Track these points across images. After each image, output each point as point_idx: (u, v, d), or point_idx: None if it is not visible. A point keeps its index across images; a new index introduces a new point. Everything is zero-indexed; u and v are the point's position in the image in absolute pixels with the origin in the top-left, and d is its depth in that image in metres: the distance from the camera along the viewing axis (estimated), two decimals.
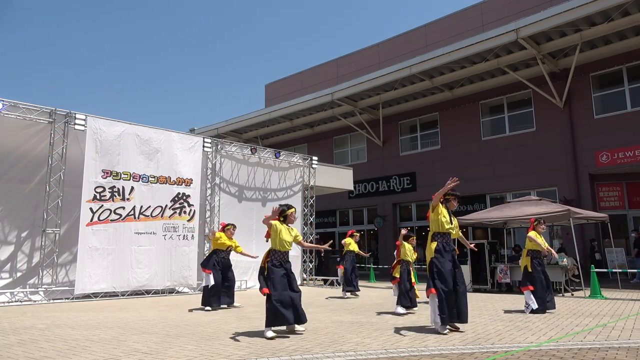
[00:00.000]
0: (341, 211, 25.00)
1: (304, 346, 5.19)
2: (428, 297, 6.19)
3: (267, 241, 6.27)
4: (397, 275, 8.49)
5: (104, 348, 5.14)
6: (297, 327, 6.19)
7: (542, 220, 8.82)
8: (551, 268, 11.81)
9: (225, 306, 9.16)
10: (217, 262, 9.19)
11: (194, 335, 5.92)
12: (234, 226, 9.69)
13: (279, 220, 6.23)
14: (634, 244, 15.20)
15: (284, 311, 5.82)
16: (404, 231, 8.78)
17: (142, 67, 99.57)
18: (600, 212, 15.28)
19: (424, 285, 9.01)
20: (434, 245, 6.23)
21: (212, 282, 8.94)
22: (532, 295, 8.08)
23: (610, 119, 16.55)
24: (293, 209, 6.40)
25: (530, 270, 8.33)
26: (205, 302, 8.92)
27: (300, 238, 6.49)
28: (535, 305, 7.98)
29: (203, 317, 7.81)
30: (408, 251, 8.68)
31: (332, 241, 7.48)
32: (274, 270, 6.02)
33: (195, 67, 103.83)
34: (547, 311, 8.10)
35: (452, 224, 6.34)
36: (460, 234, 6.69)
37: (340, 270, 11.86)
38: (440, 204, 6.37)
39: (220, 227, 9.69)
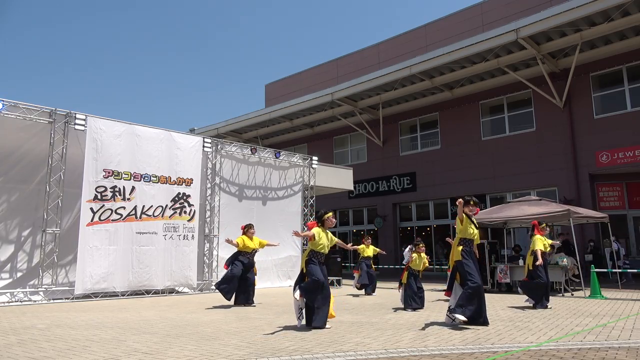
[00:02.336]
0: (341, 211, 24.99)
1: (304, 346, 5.19)
2: (447, 296, 6.81)
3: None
4: (405, 282, 8.81)
5: (104, 348, 5.14)
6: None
7: (545, 224, 9.53)
8: (551, 268, 11.81)
9: (242, 304, 9.36)
10: (242, 260, 9.39)
11: (194, 335, 5.92)
12: (251, 225, 9.84)
13: (317, 225, 6.68)
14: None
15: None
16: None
17: (142, 67, 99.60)
18: (601, 212, 15.28)
19: (431, 285, 9.06)
20: (460, 248, 6.73)
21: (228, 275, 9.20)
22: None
23: (610, 119, 16.55)
24: (329, 214, 6.78)
25: (531, 268, 9.05)
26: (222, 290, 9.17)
27: (335, 240, 6.93)
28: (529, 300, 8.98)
29: (203, 317, 7.81)
30: (416, 260, 8.98)
31: (351, 244, 8.14)
32: (314, 265, 6.46)
33: (195, 67, 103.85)
34: (539, 307, 8.63)
35: (475, 232, 6.84)
36: (479, 240, 7.11)
37: (356, 275, 12.37)
38: (465, 216, 6.84)
39: (241, 230, 9.85)
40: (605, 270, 12.45)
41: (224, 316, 7.89)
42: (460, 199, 6.83)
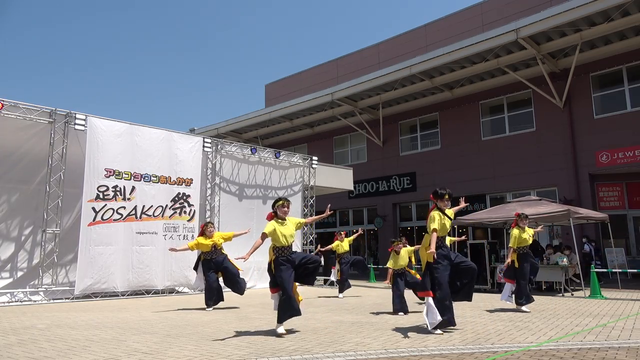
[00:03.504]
0: (341, 211, 24.99)
1: (304, 346, 5.19)
2: (423, 298, 6.23)
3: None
4: (391, 283, 8.43)
5: (104, 348, 5.14)
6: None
7: (524, 215, 8.90)
8: (551, 268, 11.82)
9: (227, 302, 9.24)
10: (207, 264, 9.04)
11: (194, 335, 5.93)
12: (209, 223, 9.39)
13: (273, 217, 6.25)
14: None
15: (295, 305, 5.99)
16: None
17: (142, 67, 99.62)
18: (601, 212, 15.28)
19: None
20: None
21: (202, 286, 9.02)
22: (509, 287, 8.62)
23: (610, 119, 16.55)
24: (280, 202, 6.31)
25: (517, 265, 8.59)
26: (206, 304, 9.00)
27: (302, 221, 6.57)
28: (505, 296, 8.62)
29: (203, 317, 7.81)
30: (392, 259, 8.57)
31: (330, 205, 7.45)
32: (281, 269, 6.04)
33: (195, 67, 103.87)
34: (523, 307, 8.29)
35: (447, 227, 6.34)
36: (452, 211, 6.63)
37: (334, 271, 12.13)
38: (436, 213, 6.30)
39: (200, 228, 9.66)
40: (605, 270, 12.45)
41: (223, 316, 7.89)
42: (438, 199, 6.36)
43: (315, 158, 16.39)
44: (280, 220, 6.20)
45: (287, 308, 5.94)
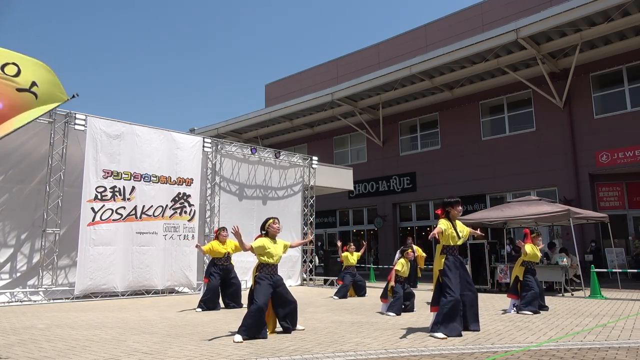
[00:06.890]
0: (341, 211, 24.99)
1: (304, 346, 5.19)
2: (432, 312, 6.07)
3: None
4: (390, 295, 8.29)
5: (104, 348, 5.14)
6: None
7: (538, 233, 8.88)
8: (551, 268, 11.82)
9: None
10: (216, 270, 9.10)
11: (194, 335, 5.92)
12: (224, 228, 9.50)
13: (262, 235, 6.23)
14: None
15: (260, 322, 5.67)
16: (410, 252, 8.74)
17: (142, 67, 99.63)
18: (600, 212, 15.28)
19: (430, 285, 9.03)
20: (442, 258, 6.15)
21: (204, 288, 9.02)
22: (513, 303, 8.30)
23: (610, 119, 16.55)
24: (270, 220, 6.27)
25: (521, 279, 8.41)
26: (198, 304, 8.89)
27: (288, 244, 6.42)
28: (512, 311, 8.17)
29: (203, 317, 7.81)
30: (404, 266, 8.56)
31: (310, 231, 7.25)
32: (261, 283, 5.88)
33: (195, 67, 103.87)
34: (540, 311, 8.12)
35: (459, 237, 6.22)
36: (468, 230, 6.52)
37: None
38: (444, 220, 6.22)
39: (214, 233, 9.67)
40: (605, 270, 12.44)
41: (223, 316, 7.89)
42: (449, 207, 6.24)
43: (315, 158, 16.38)
44: (271, 239, 6.17)
45: (254, 323, 5.59)
